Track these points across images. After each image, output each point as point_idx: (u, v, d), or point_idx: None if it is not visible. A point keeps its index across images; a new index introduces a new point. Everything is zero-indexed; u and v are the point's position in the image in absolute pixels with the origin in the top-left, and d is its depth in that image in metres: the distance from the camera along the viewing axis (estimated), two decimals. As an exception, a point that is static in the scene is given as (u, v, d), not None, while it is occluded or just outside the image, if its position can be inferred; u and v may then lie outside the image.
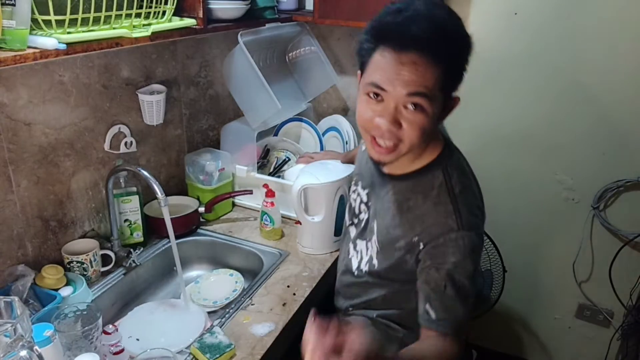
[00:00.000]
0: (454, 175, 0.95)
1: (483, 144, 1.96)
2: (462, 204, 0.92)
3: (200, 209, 1.61)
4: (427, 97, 0.85)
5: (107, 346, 1.02)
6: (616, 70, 1.69)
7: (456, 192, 0.93)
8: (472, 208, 0.93)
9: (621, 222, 1.86)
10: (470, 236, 0.89)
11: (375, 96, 0.88)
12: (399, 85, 0.84)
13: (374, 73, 0.87)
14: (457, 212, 0.91)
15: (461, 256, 0.89)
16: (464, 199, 0.92)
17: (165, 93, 1.51)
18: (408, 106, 0.86)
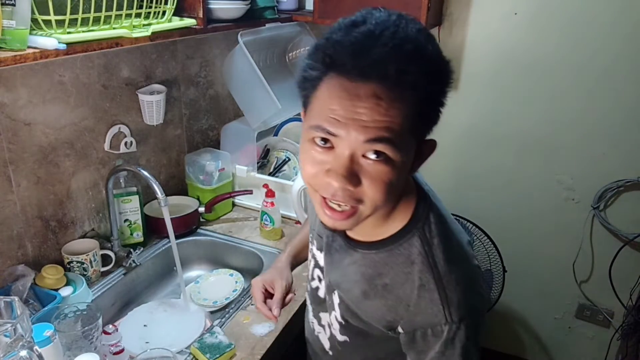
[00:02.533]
0: (435, 243, 0.72)
1: (483, 144, 1.96)
2: (451, 286, 0.71)
3: (200, 209, 1.61)
4: (393, 143, 0.61)
5: (107, 346, 1.02)
6: (616, 70, 1.69)
7: (441, 269, 0.71)
8: (464, 287, 0.71)
9: (621, 222, 1.86)
10: (466, 327, 0.70)
11: (323, 143, 0.64)
12: (354, 128, 0.61)
13: (320, 112, 0.63)
14: (444, 299, 0.70)
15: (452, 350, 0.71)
16: (453, 279, 0.71)
17: (165, 93, 1.50)
18: (368, 155, 0.63)
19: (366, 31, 0.61)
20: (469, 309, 0.71)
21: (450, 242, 0.74)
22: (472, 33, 1.82)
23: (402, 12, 0.67)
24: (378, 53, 0.59)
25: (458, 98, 1.93)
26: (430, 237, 0.73)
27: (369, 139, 0.61)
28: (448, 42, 1.86)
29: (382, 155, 0.63)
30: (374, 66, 0.59)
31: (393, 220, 0.75)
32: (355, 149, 0.62)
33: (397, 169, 0.64)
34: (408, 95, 0.60)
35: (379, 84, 0.59)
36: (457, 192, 2.03)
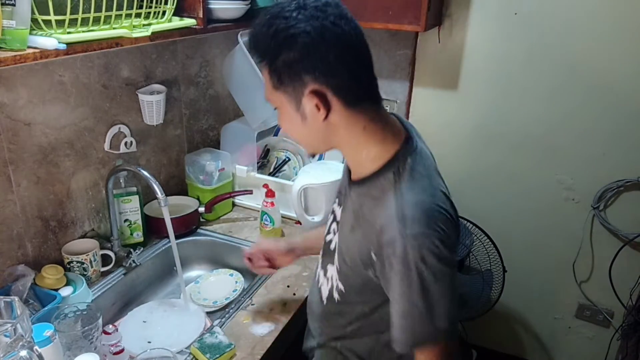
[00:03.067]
0: (405, 175, 0.82)
1: (483, 144, 1.96)
2: (409, 205, 0.79)
3: (200, 209, 1.61)
4: (268, 99, 0.86)
5: (107, 346, 1.02)
6: (616, 70, 1.69)
7: (403, 192, 0.80)
8: (421, 212, 0.78)
9: (621, 222, 1.86)
10: (419, 246, 0.76)
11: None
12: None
13: None
14: (400, 215, 0.78)
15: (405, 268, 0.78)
16: (411, 201, 0.79)
17: (165, 93, 1.51)
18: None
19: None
20: (422, 230, 0.77)
21: (419, 178, 0.83)
22: (472, 33, 1.82)
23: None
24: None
25: (458, 98, 1.93)
26: (402, 171, 0.83)
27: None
28: (448, 42, 1.86)
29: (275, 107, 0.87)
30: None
31: (374, 161, 0.85)
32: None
33: (282, 115, 0.86)
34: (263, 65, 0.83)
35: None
36: (457, 192, 2.02)
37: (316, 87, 0.78)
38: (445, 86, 1.93)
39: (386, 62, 1.96)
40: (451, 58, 1.88)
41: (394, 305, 0.81)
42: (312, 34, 0.76)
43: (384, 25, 1.61)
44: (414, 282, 0.77)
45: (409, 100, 1.99)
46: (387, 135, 0.85)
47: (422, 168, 0.85)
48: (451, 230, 0.80)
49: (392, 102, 2.02)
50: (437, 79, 1.93)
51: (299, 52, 0.77)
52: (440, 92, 1.95)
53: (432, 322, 0.79)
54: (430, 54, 1.90)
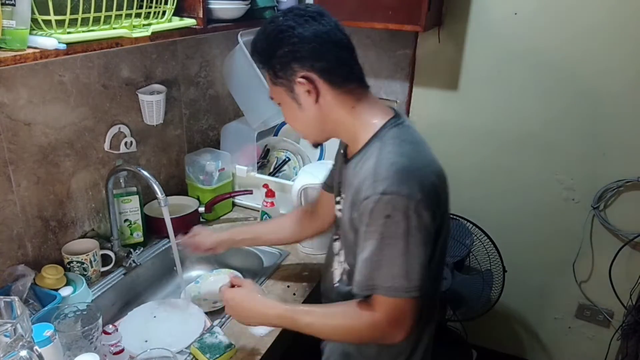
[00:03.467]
0: (388, 141, 0.90)
1: (483, 143, 1.96)
2: (384, 166, 0.85)
3: (200, 209, 1.61)
4: (271, 97, 0.99)
5: (107, 346, 1.02)
6: (616, 70, 1.69)
7: (383, 154, 0.87)
8: (396, 172, 0.83)
9: (621, 222, 1.86)
10: (386, 202, 0.82)
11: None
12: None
13: None
14: (375, 174, 0.84)
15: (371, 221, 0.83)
16: (389, 161, 0.85)
17: (165, 93, 1.51)
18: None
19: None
20: (393, 188, 0.82)
21: (401, 144, 0.89)
22: (472, 33, 1.82)
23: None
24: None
25: (458, 98, 1.93)
26: (386, 139, 0.90)
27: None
28: (448, 42, 1.86)
29: (277, 104, 0.99)
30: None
31: (365, 135, 0.93)
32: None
33: (285, 108, 0.98)
34: (261, 65, 0.97)
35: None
36: (457, 192, 2.01)
37: (304, 73, 0.90)
38: (445, 86, 1.93)
39: (386, 62, 1.96)
40: (451, 58, 1.88)
41: (360, 252, 0.87)
42: (296, 28, 0.89)
43: (384, 25, 1.61)
44: (377, 234, 0.83)
45: (409, 100, 1.99)
46: (375, 113, 0.95)
47: (408, 136, 0.92)
48: (429, 195, 0.84)
49: (392, 102, 2.02)
50: (437, 79, 1.93)
51: (287, 45, 0.89)
52: (440, 92, 1.94)
53: (388, 275, 0.84)
54: (430, 54, 1.90)
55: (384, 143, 0.90)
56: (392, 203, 0.82)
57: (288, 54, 0.90)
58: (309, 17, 0.90)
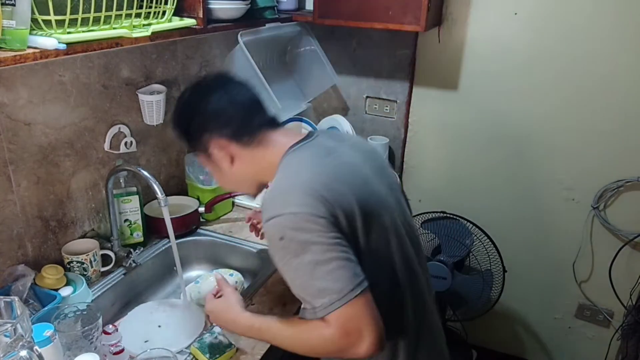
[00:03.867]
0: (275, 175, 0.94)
1: (483, 143, 1.96)
2: (267, 194, 0.89)
3: (200, 209, 1.61)
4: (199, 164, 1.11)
5: (107, 346, 1.02)
6: (616, 70, 1.69)
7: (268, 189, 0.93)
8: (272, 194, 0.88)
9: (621, 222, 1.86)
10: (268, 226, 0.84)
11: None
12: None
13: None
14: (262, 205, 0.89)
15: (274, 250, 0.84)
16: (270, 189, 0.90)
17: (165, 93, 1.50)
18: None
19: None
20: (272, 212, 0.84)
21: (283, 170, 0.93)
22: (472, 33, 1.82)
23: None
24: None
25: (458, 98, 1.93)
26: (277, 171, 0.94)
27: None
28: (448, 42, 1.86)
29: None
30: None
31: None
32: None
33: (213, 172, 1.06)
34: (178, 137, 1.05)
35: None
36: (457, 192, 2.04)
37: (215, 141, 0.98)
38: (445, 86, 1.93)
39: (386, 62, 1.96)
40: (451, 58, 1.88)
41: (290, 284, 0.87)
42: (200, 102, 0.98)
43: (384, 25, 1.61)
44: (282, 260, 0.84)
45: (409, 100, 1.99)
46: (286, 144, 0.98)
47: (293, 159, 0.94)
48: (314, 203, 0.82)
49: (392, 102, 2.02)
50: (437, 79, 1.93)
51: (195, 119, 0.99)
52: (440, 92, 1.95)
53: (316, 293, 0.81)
54: (430, 54, 1.90)
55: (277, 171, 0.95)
56: (278, 225, 0.83)
57: (198, 127, 0.99)
58: (213, 88, 0.99)
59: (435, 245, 1.92)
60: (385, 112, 2.04)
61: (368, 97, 2.05)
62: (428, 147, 2.03)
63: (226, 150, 0.98)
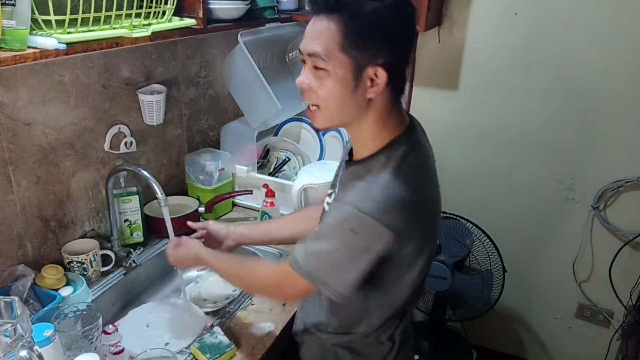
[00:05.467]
0: (392, 163, 0.85)
1: (483, 143, 1.96)
2: (379, 186, 0.83)
3: (200, 209, 1.61)
4: (321, 56, 0.81)
5: (107, 346, 1.02)
6: (616, 70, 1.69)
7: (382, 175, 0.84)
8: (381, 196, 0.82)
9: (621, 222, 1.86)
10: (353, 213, 0.81)
11: (303, 63, 0.87)
12: (304, 47, 0.84)
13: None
14: (361, 190, 0.83)
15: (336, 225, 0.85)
16: (384, 182, 0.83)
17: (165, 93, 1.50)
18: (313, 67, 0.84)
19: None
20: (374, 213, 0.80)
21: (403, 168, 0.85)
22: (472, 33, 1.82)
23: None
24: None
25: (458, 98, 1.93)
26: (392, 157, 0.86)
27: (308, 53, 0.83)
28: (448, 42, 1.86)
29: (319, 69, 0.83)
30: (317, 4, 0.82)
31: (376, 145, 0.89)
32: (307, 61, 0.85)
33: (332, 79, 0.82)
34: (335, 19, 0.79)
35: (320, 15, 0.81)
36: (457, 192, 2.03)
37: (381, 69, 0.81)
38: (445, 86, 1.93)
39: (386, 62, 1.96)
40: (451, 58, 1.88)
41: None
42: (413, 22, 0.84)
43: (384, 25, 1.61)
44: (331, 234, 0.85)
45: (409, 100, 1.99)
46: (395, 123, 0.90)
47: (415, 160, 0.88)
48: (406, 228, 0.82)
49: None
50: (437, 79, 1.93)
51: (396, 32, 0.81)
52: (440, 92, 1.95)
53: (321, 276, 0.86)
54: (430, 54, 1.90)
55: (388, 160, 0.86)
56: (364, 223, 0.81)
57: (392, 40, 0.81)
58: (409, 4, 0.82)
59: (435, 245, 1.92)
60: (385, 112, 2.04)
61: (368, 97, 2.05)
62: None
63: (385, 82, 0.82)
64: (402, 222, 0.82)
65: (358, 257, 0.83)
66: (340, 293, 0.86)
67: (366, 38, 0.79)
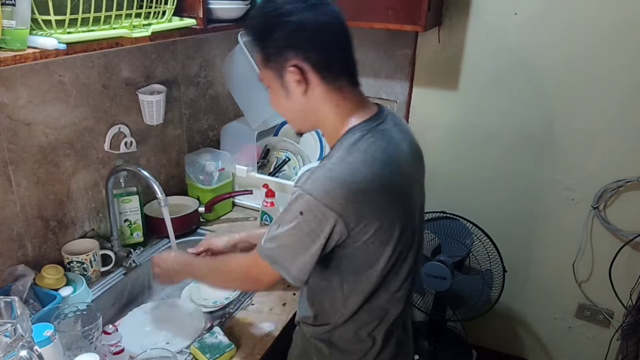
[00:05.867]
0: (342, 148, 0.89)
1: (483, 143, 1.96)
2: (324, 168, 0.86)
3: (200, 209, 1.61)
4: (261, 79, 0.95)
5: (107, 346, 1.02)
6: (616, 70, 1.69)
7: (329, 159, 0.88)
8: (323, 178, 0.85)
9: (621, 222, 1.86)
10: (299, 194, 0.86)
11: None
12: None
13: None
14: (309, 174, 0.87)
15: (287, 206, 0.90)
16: (329, 164, 0.86)
17: (165, 93, 1.51)
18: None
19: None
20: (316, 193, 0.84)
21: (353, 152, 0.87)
22: (472, 33, 1.82)
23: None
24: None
25: (458, 98, 1.93)
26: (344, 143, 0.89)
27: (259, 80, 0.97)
28: (448, 42, 1.86)
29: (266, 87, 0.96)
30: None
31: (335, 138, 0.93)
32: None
33: (273, 93, 0.95)
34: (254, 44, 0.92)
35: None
36: (457, 192, 2.03)
37: (297, 62, 0.87)
38: (445, 86, 1.93)
39: (386, 62, 1.96)
40: (451, 58, 1.88)
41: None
42: (296, 13, 0.86)
43: (384, 25, 1.61)
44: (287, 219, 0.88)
45: (409, 100, 1.99)
46: (356, 113, 0.93)
47: (364, 144, 0.88)
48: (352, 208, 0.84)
49: (392, 102, 2.02)
50: (437, 79, 1.93)
51: (283, 31, 0.87)
52: (440, 92, 1.94)
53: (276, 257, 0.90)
54: (430, 54, 1.90)
55: (339, 148, 0.89)
56: (309, 204, 0.84)
57: (283, 39, 0.88)
58: (311, 3, 0.87)
59: (435, 245, 1.92)
60: (385, 112, 2.04)
61: (368, 97, 2.05)
62: (428, 147, 2.00)
63: (305, 77, 0.89)
64: (346, 204, 0.84)
65: (308, 240, 0.86)
66: (295, 276, 0.89)
67: (268, 48, 0.90)
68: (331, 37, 0.89)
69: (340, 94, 0.92)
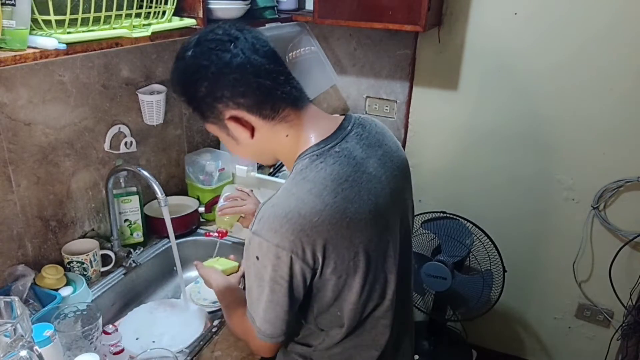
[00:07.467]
0: (289, 179, 0.85)
1: (483, 143, 1.96)
2: (269, 204, 0.82)
3: (200, 209, 1.61)
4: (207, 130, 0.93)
5: (107, 346, 1.02)
6: (616, 70, 1.69)
7: (275, 194, 0.84)
8: (267, 216, 0.80)
9: (621, 222, 1.86)
10: (250, 238, 0.82)
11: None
12: None
13: None
14: (261, 212, 0.82)
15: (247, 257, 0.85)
16: (275, 200, 0.82)
17: (165, 93, 1.51)
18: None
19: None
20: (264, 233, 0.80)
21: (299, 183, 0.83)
22: (472, 33, 1.82)
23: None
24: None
25: (457, 98, 1.93)
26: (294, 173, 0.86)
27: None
28: (448, 42, 1.86)
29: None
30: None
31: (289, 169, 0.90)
32: None
33: (224, 142, 0.93)
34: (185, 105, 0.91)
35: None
36: (457, 192, 2.03)
37: (231, 112, 0.84)
38: (445, 86, 1.93)
39: (386, 62, 1.96)
40: (451, 58, 1.88)
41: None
42: (208, 67, 0.81)
43: (384, 25, 1.61)
44: (250, 272, 0.84)
45: (409, 100, 1.99)
46: (310, 134, 0.88)
47: (312, 172, 0.83)
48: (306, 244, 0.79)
49: (392, 102, 2.02)
50: (437, 79, 1.93)
51: (203, 87, 0.83)
52: (440, 92, 1.95)
53: (260, 316, 0.86)
54: (430, 54, 1.90)
55: (290, 177, 0.86)
56: (261, 247, 0.80)
57: (207, 95, 0.83)
58: (219, 49, 0.80)
59: (435, 245, 1.92)
60: (385, 112, 2.04)
61: (368, 97, 2.06)
62: (428, 147, 2.03)
63: (245, 122, 0.85)
64: (296, 240, 0.78)
65: (271, 290, 0.82)
66: (264, 332, 0.87)
67: (199, 106, 0.86)
68: (251, 74, 0.81)
69: (287, 124, 0.87)
